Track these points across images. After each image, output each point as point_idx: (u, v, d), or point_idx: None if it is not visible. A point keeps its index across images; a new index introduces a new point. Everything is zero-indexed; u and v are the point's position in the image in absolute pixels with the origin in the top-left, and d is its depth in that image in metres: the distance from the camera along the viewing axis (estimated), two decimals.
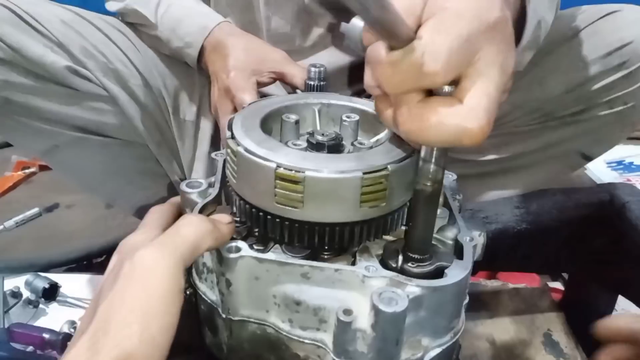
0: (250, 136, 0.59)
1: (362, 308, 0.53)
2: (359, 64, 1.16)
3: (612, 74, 1.00)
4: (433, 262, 0.56)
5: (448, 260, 0.57)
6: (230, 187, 0.62)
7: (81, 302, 1.30)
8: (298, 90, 0.93)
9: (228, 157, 0.61)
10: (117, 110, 1.10)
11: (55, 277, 1.35)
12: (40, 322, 1.24)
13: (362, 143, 0.63)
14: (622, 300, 1.07)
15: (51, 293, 1.31)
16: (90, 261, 1.51)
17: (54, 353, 1.11)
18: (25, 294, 1.30)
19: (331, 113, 0.70)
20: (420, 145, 0.52)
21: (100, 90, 1.07)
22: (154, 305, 0.44)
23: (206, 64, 1.03)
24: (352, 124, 0.67)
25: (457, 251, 0.59)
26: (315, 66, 0.77)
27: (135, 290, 0.45)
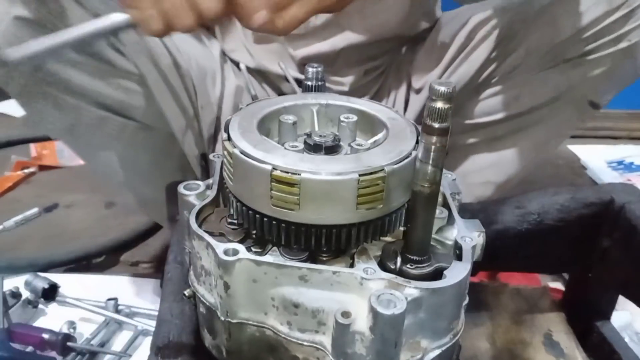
0: (246, 138, 0.58)
1: (361, 310, 0.52)
2: (370, 43, 1.18)
3: (616, 12, 1.06)
4: (432, 264, 0.56)
5: (447, 261, 0.56)
6: (227, 189, 0.62)
7: (81, 302, 1.30)
8: (297, 90, 0.93)
9: (225, 159, 0.60)
10: (145, 92, 1.08)
11: (54, 277, 1.35)
12: (39, 322, 1.24)
13: (360, 144, 0.63)
14: (623, 300, 1.07)
15: (51, 293, 1.31)
16: (89, 261, 1.51)
17: (53, 353, 1.11)
18: (25, 294, 1.30)
19: (329, 113, 0.70)
20: None
21: (132, 67, 1.05)
22: None
23: None
24: (350, 124, 0.67)
25: (457, 252, 0.59)
26: (313, 66, 0.76)
27: None
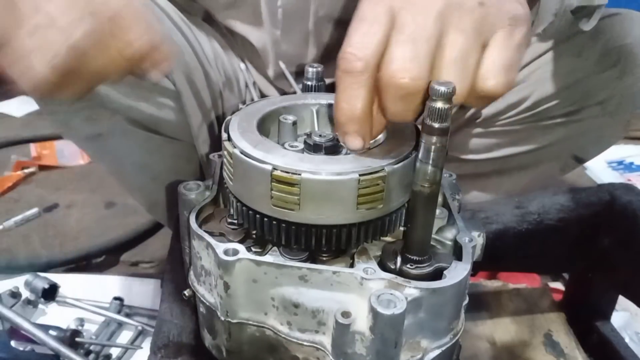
0: (246, 138, 0.58)
1: (361, 310, 0.52)
2: None
3: (604, 74, 1.00)
4: (432, 264, 0.56)
5: (447, 261, 0.56)
6: (227, 189, 0.62)
7: (81, 302, 1.30)
8: (297, 90, 0.92)
9: (225, 159, 0.60)
10: (178, 107, 1.06)
11: (54, 277, 1.34)
12: (39, 322, 1.24)
13: None
14: (623, 300, 1.07)
15: (50, 293, 1.31)
16: (89, 261, 1.51)
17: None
18: (25, 294, 1.30)
19: (329, 113, 0.70)
20: None
21: (169, 84, 1.03)
22: None
23: None
24: None
25: (457, 252, 0.59)
26: (313, 66, 0.76)
27: None
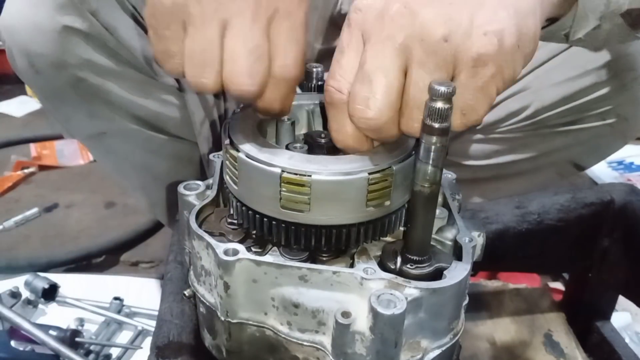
0: (249, 141, 0.58)
1: (361, 310, 0.52)
2: None
3: (606, 85, 1.01)
4: (432, 264, 0.56)
5: (447, 261, 0.56)
6: (228, 191, 0.61)
7: (80, 302, 1.30)
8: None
9: (227, 163, 0.60)
10: (182, 104, 1.07)
11: (54, 277, 1.35)
12: (39, 322, 1.24)
13: None
14: (623, 300, 1.07)
15: (50, 293, 1.31)
16: (89, 261, 1.51)
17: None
18: (25, 294, 1.31)
19: (323, 113, 0.70)
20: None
21: (174, 81, 1.04)
22: None
23: None
24: None
25: (457, 252, 0.59)
26: (313, 66, 0.76)
27: None
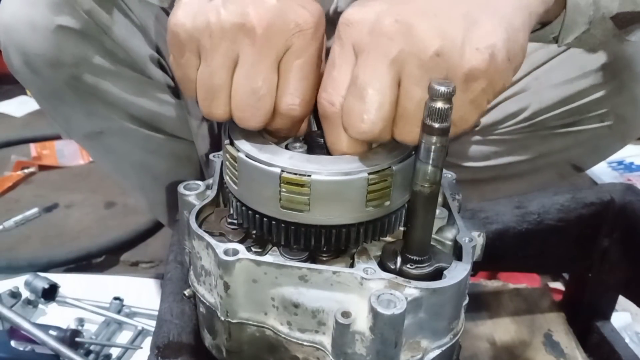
0: (249, 141, 0.58)
1: (361, 310, 0.52)
2: None
3: (605, 87, 1.01)
4: (432, 264, 0.56)
5: (447, 261, 0.56)
6: (228, 191, 0.61)
7: (80, 302, 1.30)
8: None
9: (227, 163, 0.60)
10: (178, 103, 1.07)
11: (54, 277, 1.35)
12: (39, 322, 1.24)
13: None
14: (623, 300, 1.07)
15: (51, 293, 1.31)
16: (89, 261, 1.51)
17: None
18: (25, 294, 1.31)
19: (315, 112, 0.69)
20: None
21: (169, 80, 1.04)
22: None
23: None
24: None
25: (457, 252, 0.59)
26: None
27: None
